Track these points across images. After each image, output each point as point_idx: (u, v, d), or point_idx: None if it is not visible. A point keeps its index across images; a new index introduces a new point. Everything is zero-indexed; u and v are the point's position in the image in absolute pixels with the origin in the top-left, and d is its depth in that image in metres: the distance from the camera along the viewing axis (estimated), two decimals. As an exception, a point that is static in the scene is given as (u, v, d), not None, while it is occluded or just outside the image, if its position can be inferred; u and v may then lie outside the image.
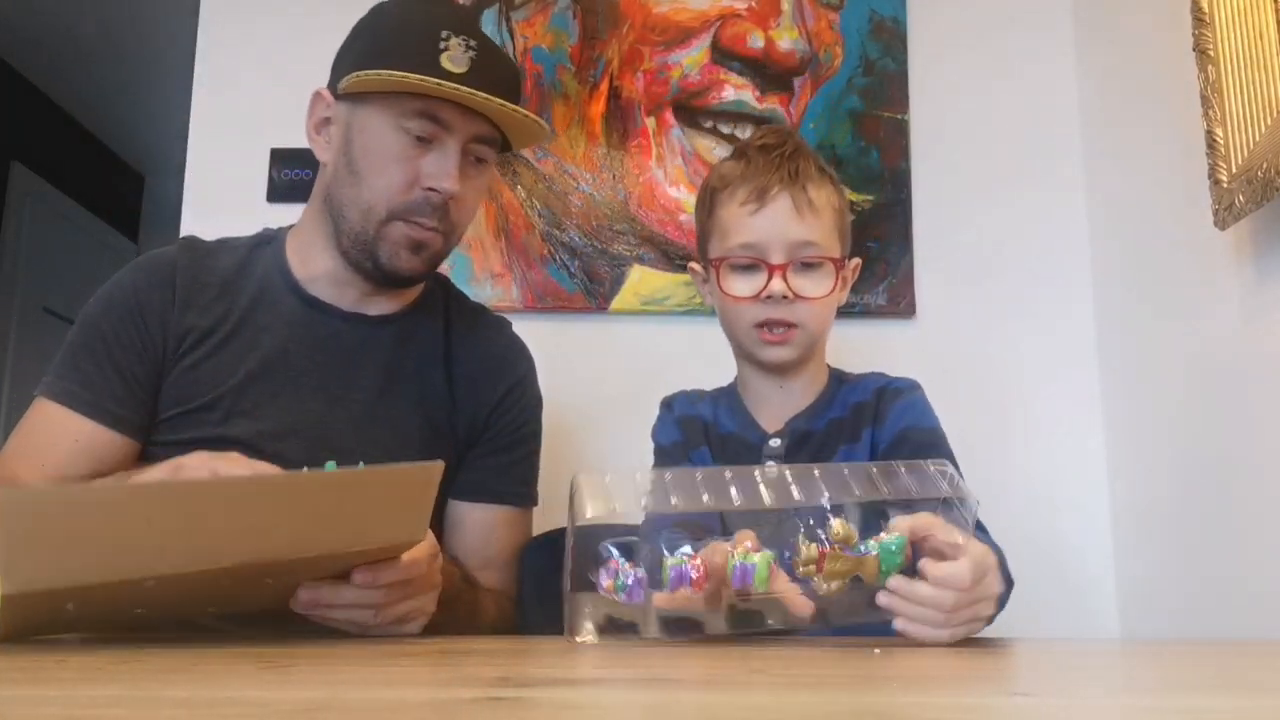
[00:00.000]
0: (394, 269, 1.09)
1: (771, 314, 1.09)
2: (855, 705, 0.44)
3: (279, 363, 1.10)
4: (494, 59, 1.08)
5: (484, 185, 1.14)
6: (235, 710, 0.39)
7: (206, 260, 1.14)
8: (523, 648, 0.82)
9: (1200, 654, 0.82)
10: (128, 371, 1.07)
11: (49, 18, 3.40)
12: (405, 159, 1.05)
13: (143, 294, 1.10)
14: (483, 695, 0.45)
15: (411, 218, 1.06)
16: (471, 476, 1.18)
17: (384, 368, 1.14)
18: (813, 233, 1.09)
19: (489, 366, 1.20)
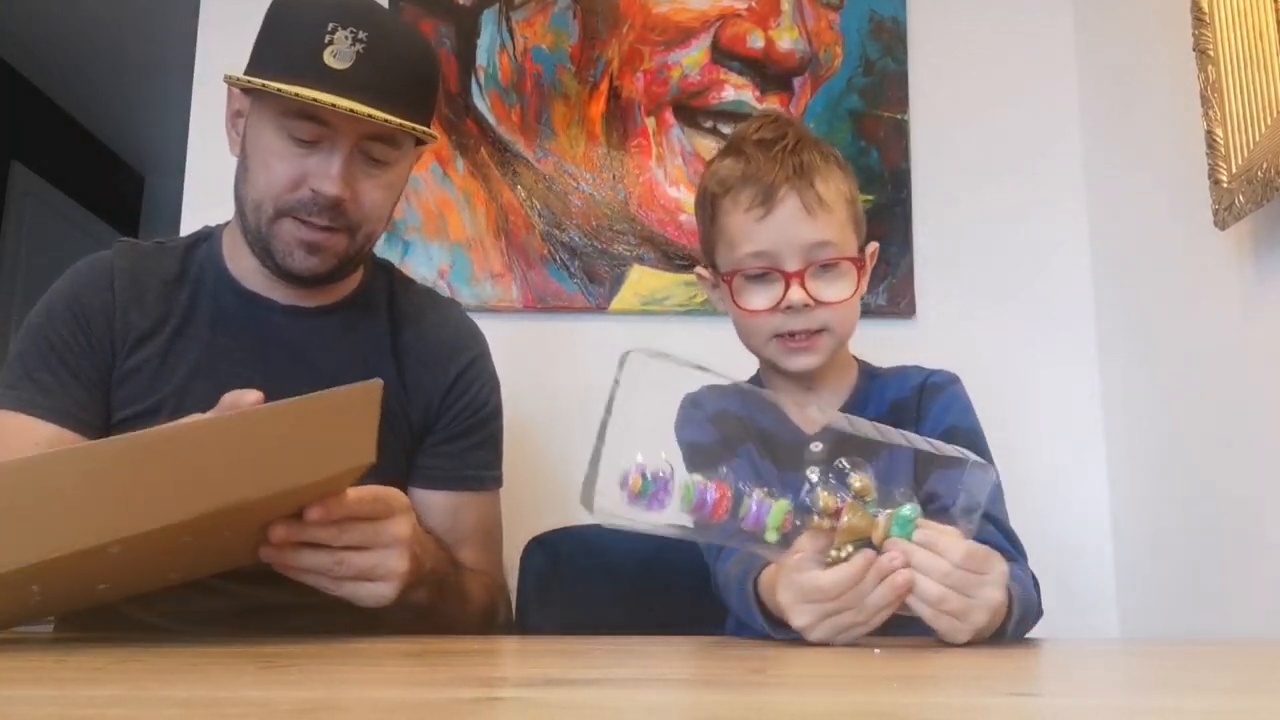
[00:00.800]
0: (289, 268, 1.06)
1: (794, 324, 1.02)
2: (855, 705, 0.44)
3: (222, 360, 1.09)
4: (390, 52, 1.01)
5: (391, 182, 1.09)
6: (235, 710, 0.39)
7: (144, 261, 1.13)
8: (523, 648, 0.82)
9: (1200, 654, 0.82)
10: (81, 374, 1.06)
11: (50, 18, 3.41)
12: (290, 158, 1.02)
13: (83, 298, 1.09)
14: (483, 695, 0.45)
15: (300, 216, 1.03)
16: (429, 463, 1.15)
17: (329, 359, 1.12)
18: (827, 231, 1.01)
19: (439, 351, 1.18)
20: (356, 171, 1.04)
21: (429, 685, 0.50)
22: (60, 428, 1.04)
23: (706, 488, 0.73)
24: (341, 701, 0.43)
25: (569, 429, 1.77)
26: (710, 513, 0.73)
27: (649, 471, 0.72)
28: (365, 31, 0.99)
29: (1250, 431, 1.31)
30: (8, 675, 0.49)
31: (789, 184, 1.00)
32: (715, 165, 1.08)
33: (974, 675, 0.58)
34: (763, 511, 0.74)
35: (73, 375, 1.06)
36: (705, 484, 0.73)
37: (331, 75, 0.97)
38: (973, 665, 0.63)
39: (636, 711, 0.42)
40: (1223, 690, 0.54)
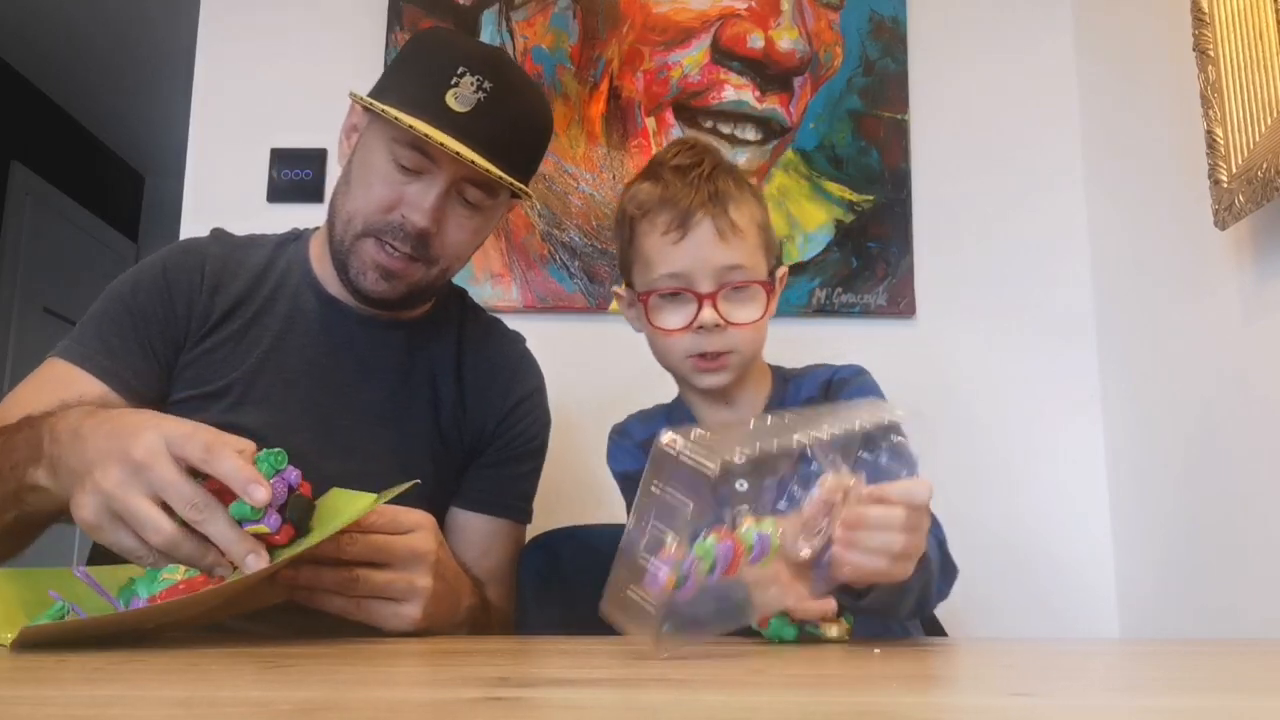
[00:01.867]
0: (359, 286, 1.09)
1: (705, 345, 1.05)
2: (855, 705, 0.44)
3: (293, 355, 1.11)
4: (508, 106, 1.05)
5: (478, 227, 1.12)
6: (235, 710, 0.39)
7: (237, 252, 1.16)
8: (523, 648, 0.82)
9: (1200, 654, 0.82)
10: (149, 346, 1.08)
11: (49, 18, 3.40)
12: (391, 182, 1.06)
13: (172, 274, 1.12)
14: (483, 695, 0.45)
15: (384, 238, 1.06)
16: (475, 485, 1.18)
17: (396, 371, 1.15)
18: (738, 255, 1.05)
19: (500, 377, 1.21)
20: (449, 209, 1.07)
21: (429, 685, 0.50)
22: (109, 389, 1.05)
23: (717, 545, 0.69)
24: (341, 701, 0.43)
25: (569, 429, 1.77)
26: (729, 565, 0.69)
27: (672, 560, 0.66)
28: (491, 82, 1.03)
29: (1250, 431, 1.31)
30: (8, 675, 0.49)
31: (704, 209, 1.04)
32: (634, 188, 1.11)
33: (974, 675, 0.58)
34: (765, 542, 0.71)
35: (140, 345, 1.08)
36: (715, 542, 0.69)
37: (449, 115, 1.01)
38: (973, 665, 0.63)
39: (636, 711, 0.42)
40: (1223, 690, 0.54)
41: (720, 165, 1.10)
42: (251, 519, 0.72)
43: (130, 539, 0.72)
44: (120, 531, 0.72)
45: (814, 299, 1.78)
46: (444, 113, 1.01)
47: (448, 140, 0.99)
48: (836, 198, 1.81)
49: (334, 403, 1.11)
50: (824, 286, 1.79)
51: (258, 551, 0.72)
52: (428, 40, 1.13)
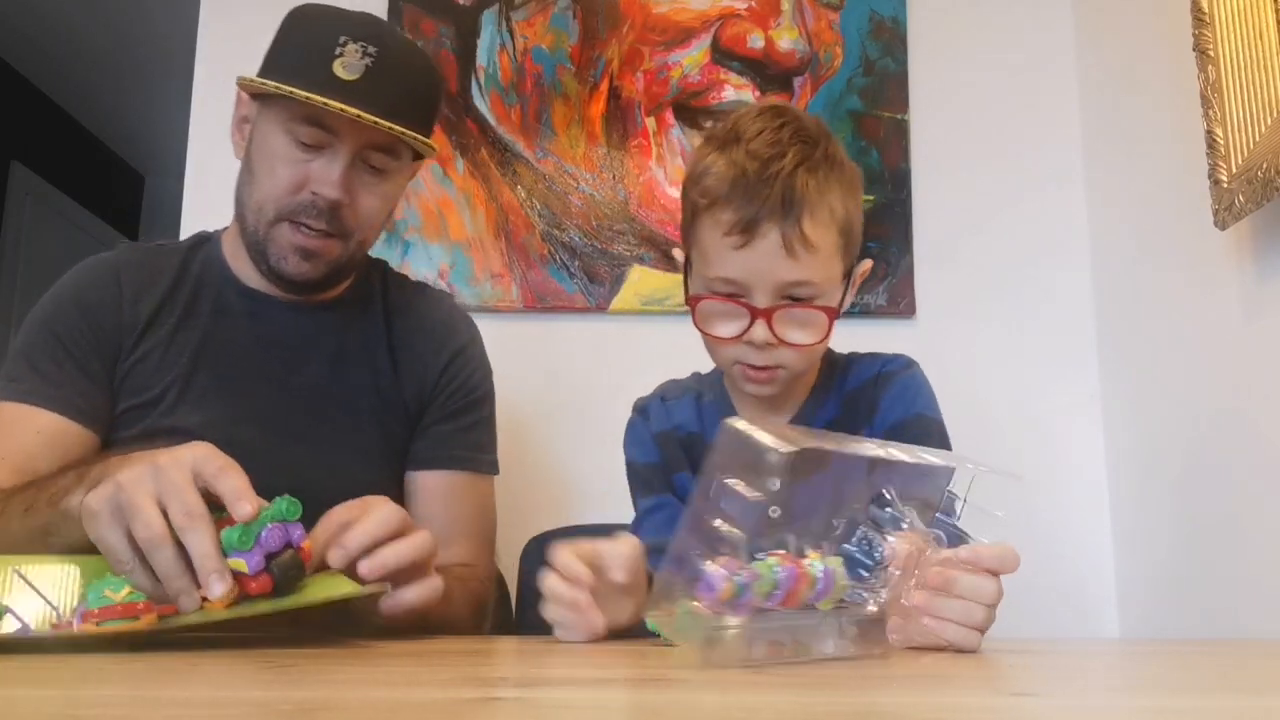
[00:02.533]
0: (282, 272, 1.09)
1: (753, 359, 0.97)
2: (855, 705, 0.44)
3: (224, 351, 1.12)
4: (396, 67, 1.05)
5: (388, 193, 1.12)
6: (235, 710, 0.39)
7: (148, 259, 1.16)
8: (523, 648, 0.82)
9: (1200, 654, 0.82)
10: (86, 367, 1.08)
11: (49, 18, 3.41)
12: (294, 162, 1.06)
13: (88, 292, 1.12)
14: (483, 695, 0.45)
15: (298, 219, 1.06)
16: (422, 444, 1.18)
17: (329, 352, 1.15)
18: (805, 271, 0.94)
19: (430, 337, 1.21)
20: (356, 179, 1.07)
21: (429, 685, 0.50)
22: (61, 417, 1.05)
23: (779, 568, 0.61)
24: (341, 701, 0.43)
25: (569, 429, 1.77)
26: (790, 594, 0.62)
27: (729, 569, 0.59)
28: (374, 46, 1.03)
29: (1250, 431, 1.31)
30: (8, 675, 0.49)
31: (773, 219, 0.92)
32: (706, 162, 0.98)
33: (974, 675, 0.58)
34: (830, 578, 0.64)
35: (77, 367, 1.08)
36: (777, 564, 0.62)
37: (340, 84, 1.01)
38: (973, 665, 0.63)
39: (636, 711, 0.42)
40: (1223, 690, 0.54)
41: (806, 160, 0.94)
42: (237, 548, 0.70)
43: (118, 537, 0.72)
44: (113, 527, 0.72)
45: (814, 299, 1.78)
46: (334, 82, 1.01)
47: (347, 106, 0.99)
48: (836, 198, 1.81)
49: (272, 393, 1.11)
50: (824, 286, 1.79)
51: (223, 576, 0.70)
52: (302, 16, 1.11)
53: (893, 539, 0.69)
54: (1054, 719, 0.42)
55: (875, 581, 0.69)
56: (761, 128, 0.97)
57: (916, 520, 0.71)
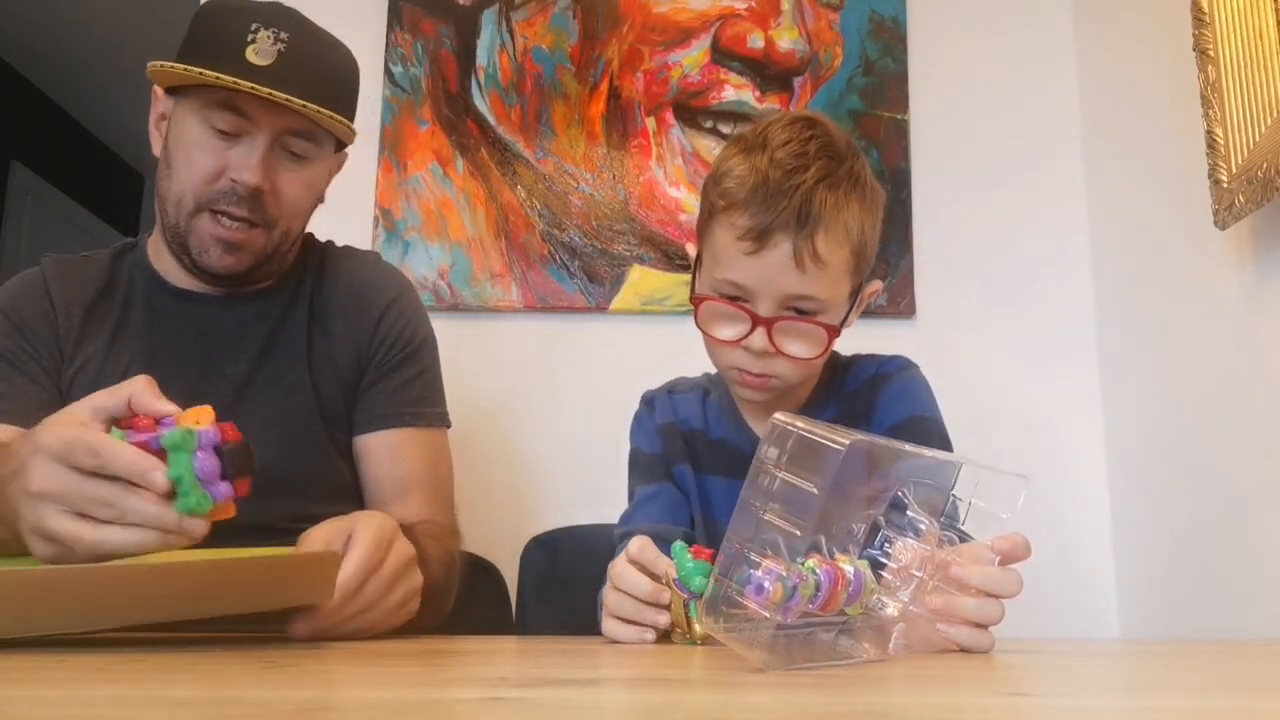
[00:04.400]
0: (205, 265, 1.08)
1: (750, 365, 0.97)
2: (855, 705, 0.44)
3: (162, 355, 1.11)
4: (310, 53, 1.05)
5: (309, 180, 1.10)
6: (235, 710, 0.39)
7: (74, 270, 1.15)
8: (523, 648, 0.82)
9: (1200, 654, 0.82)
10: (34, 377, 1.08)
11: (49, 18, 3.41)
12: (211, 150, 1.05)
13: (21, 309, 1.11)
14: (483, 695, 0.45)
15: (218, 207, 1.05)
16: (363, 406, 1.16)
17: (263, 338, 1.14)
18: (812, 287, 0.94)
19: (357, 297, 1.19)
20: (276, 165, 1.07)
21: (429, 685, 0.50)
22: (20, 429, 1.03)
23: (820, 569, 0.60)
24: (341, 701, 0.43)
25: (569, 429, 1.77)
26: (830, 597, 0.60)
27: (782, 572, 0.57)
28: (286, 32, 1.04)
29: (1250, 431, 1.31)
30: (8, 675, 0.48)
31: (786, 230, 0.92)
32: (731, 161, 0.98)
33: (974, 675, 0.58)
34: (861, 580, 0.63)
35: (27, 379, 1.07)
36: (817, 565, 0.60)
37: (253, 70, 1.01)
38: (973, 665, 0.63)
39: (637, 711, 0.41)
40: (1223, 690, 0.54)
41: (829, 176, 0.95)
42: (200, 510, 0.69)
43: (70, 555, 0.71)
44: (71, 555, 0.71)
45: (814, 299, 1.78)
46: (248, 68, 1.01)
47: (259, 86, 0.98)
48: (836, 198, 1.81)
49: (211, 389, 1.10)
50: (824, 286, 1.79)
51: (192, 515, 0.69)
52: (213, 8, 1.09)
53: (912, 541, 0.69)
54: (1054, 719, 0.42)
55: (895, 585, 0.69)
56: (789, 138, 0.96)
57: (932, 523, 0.70)
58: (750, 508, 0.58)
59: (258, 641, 0.70)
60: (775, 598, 0.57)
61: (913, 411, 1.05)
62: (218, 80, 0.99)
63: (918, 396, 1.08)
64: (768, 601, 0.57)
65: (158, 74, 1.05)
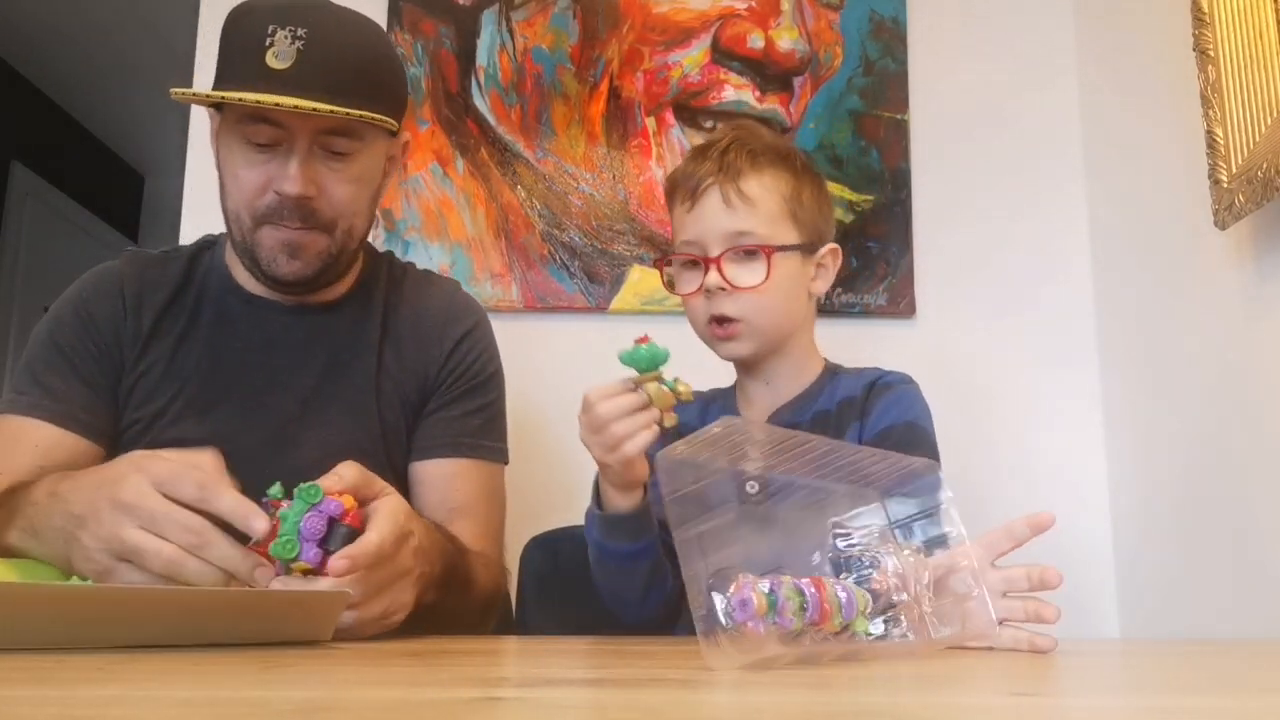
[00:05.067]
0: (274, 274, 1.07)
1: (714, 308, 1.08)
2: (856, 705, 0.44)
3: (228, 360, 1.11)
4: (327, 45, 1.00)
5: (357, 175, 1.07)
6: (235, 710, 0.39)
7: (151, 270, 1.15)
8: (523, 648, 0.82)
9: (1200, 654, 0.82)
10: (90, 380, 1.08)
11: (49, 18, 3.41)
12: (253, 164, 1.04)
13: (92, 305, 1.11)
14: (483, 695, 0.45)
15: (274, 221, 1.05)
16: (423, 433, 1.16)
17: (330, 352, 1.14)
18: (745, 222, 1.07)
19: (434, 323, 1.19)
20: (319, 168, 1.04)
21: (429, 685, 0.50)
22: (64, 430, 1.05)
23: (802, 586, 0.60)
24: (341, 701, 0.43)
25: (569, 429, 1.76)
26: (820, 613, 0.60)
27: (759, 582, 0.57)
28: (303, 28, 1.00)
29: (1250, 431, 1.31)
30: (8, 675, 0.48)
31: (712, 178, 1.09)
32: (670, 174, 1.19)
33: (974, 675, 0.58)
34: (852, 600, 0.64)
35: (81, 380, 1.08)
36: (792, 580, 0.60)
37: (274, 75, 0.98)
38: (973, 665, 0.63)
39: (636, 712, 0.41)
40: (1223, 690, 0.54)
41: (740, 140, 1.12)
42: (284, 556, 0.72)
43: (138, 575, 0.72)
44: (128, 572, 0.72)
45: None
46: (268, 74, 0.98)
47: (282, 100, 0.96)
48: (836, 197, 1.81)
49: (276, 400, 1.11)
50: (824, 286, 1.79)
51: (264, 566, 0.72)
52: (235, 15, 1.07)
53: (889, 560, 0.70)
54: (1054, 719, 0.42)
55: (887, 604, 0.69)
56: (713, 132, 1.21)
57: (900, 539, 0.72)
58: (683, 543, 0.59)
59: (258, 642, 0.70)
60: (760, 610, 0.57)
61: (905, 418, 1.10)
62: (236, 100, 0.97)
63: (914, 406, 1.12)
64: (754, 615, 0.57)
65: (180, 98, 1.03)
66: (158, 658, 0.59)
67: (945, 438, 1.76)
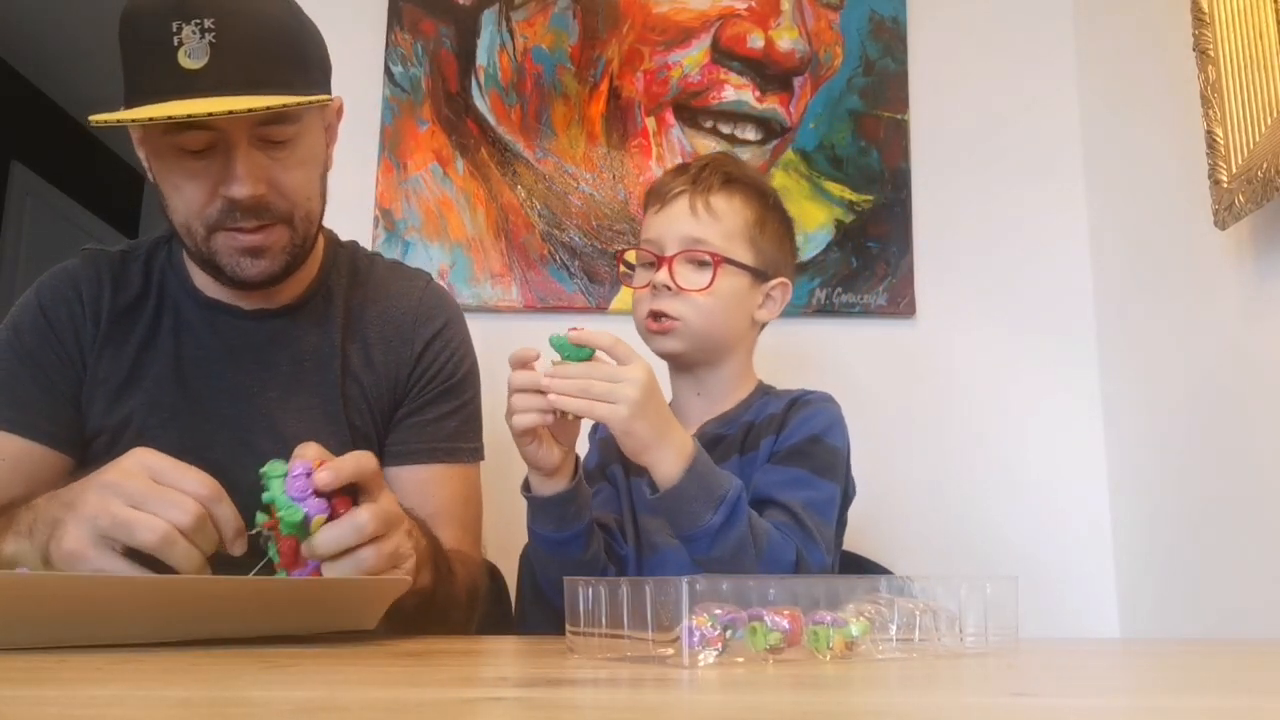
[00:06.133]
0: (240, 277, 1.02)
1: (654, 304, 1.12)
2: (856, 705, 0.44)
3: (190, 369, 1.08)
4: (240, 34, 0.93)
5: (303, 157, 1.02)
6: (235, 710, 0.39)
7: (110, 272, 1.11)
8: (523, 648, 0.82)
9: (1200, 654, 0.82)
10: (53, 388, 1.05)
11: (49, 18, 3.41)
12: (192, 174, 0.97)
13: (50, 311, 1.07)
14: (483, 695, 0.45)
15: (227, 225, 0.99)
16: (397, 438, 1.13)
17: (297, 357, 1.10)
18: (704, 231, 1.12)
19: (402, 324, 1.14)
20: (263, 161, 0.98)
21: (429, 685, 0.50)
22: (29, 441, 1.02)
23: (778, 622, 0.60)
24: (341, 701, 0.43)
25: (569, 429, 1.76)
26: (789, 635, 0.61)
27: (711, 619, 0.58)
28: (210, 18, 0.91)
29: (1250, 431, 1.31)
30: (8, 675, 0.49)
31: (683, 187, 1.15)
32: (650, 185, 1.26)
33: (974, 675, 0.58)
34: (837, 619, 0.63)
35: (43, 389, 1.05)
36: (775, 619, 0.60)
37: (190, 77, 0.91)
38: (973, 665, 0.63)
39: (636, 711, 0.41)
40: (1223, 690, 0.54)
41: (719, 163, 1.18)
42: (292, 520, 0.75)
43: (117, 562, 0.71)
44: (107, 555, 0.71)
45: (814, 299, 1.78)
46: (184, 78, 0.91)
47: (213, 106, 0.89)
48: (836, 198, 1.81)
49: (242, 408, 1.07)
50: (824, 286, 1.79)
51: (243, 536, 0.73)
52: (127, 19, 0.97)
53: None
54: (1054, 719, 0.42)
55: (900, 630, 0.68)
56: (705, 155, 1.25)
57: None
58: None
59: (258, 641, 0.70)
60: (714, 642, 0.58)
61: (812, 432, 1.11)
62: (164, 120, 0.89)
63: (821, 422, 1.12)
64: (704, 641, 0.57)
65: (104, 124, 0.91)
66: (158, 658, 0.59)
67: (945, 437, 1.76)
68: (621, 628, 0.61)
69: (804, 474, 1.07)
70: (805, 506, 1.04)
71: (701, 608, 0.58)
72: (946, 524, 1.73)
